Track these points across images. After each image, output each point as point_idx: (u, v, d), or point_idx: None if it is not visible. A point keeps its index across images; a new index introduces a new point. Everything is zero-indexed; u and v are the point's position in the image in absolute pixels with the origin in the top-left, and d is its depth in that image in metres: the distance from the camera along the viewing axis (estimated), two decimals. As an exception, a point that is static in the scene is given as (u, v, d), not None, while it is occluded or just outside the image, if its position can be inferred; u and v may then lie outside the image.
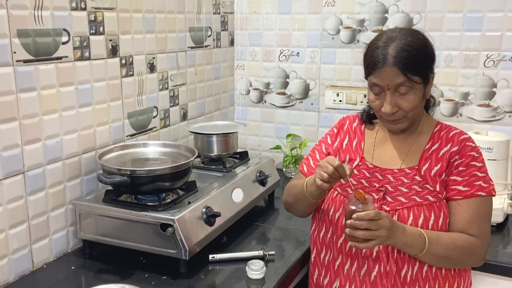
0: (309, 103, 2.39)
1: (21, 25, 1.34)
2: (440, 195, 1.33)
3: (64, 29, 1.47)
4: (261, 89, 2.48)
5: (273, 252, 1.52)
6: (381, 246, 1.32)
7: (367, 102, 1.44)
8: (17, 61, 1.33)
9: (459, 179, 1.33)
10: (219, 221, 1.54)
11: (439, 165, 1.35)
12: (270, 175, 1.90)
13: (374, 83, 1.31)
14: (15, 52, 1.32)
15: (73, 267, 1.47)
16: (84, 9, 1.53)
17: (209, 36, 2.25)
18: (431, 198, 1.33)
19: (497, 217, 1.72)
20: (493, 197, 1.35)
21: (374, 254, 1.33)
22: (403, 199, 1.34)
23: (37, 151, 1.42)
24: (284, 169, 2.35)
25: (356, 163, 1.44)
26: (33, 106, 1.39)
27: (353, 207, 1.22)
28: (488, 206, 1.34)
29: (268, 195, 1.96)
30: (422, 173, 1.36)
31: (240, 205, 1.68)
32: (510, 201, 1.76)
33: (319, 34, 2.30)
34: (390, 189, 1.36)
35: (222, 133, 1.90)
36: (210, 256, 1.49)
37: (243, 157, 1.97)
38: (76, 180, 1.57)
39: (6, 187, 1.34)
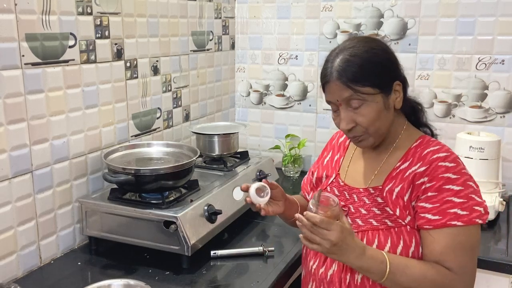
0: (307, 104, 2.42)
1: (29, 29, 1.35)
2: (401, 221, 1.17)
3: (71, 33, 1.49)
4: (261, 91, 2.51)
5: (272, 248, 1.54)
6: (335, 269, 1.23)
7: None
8: (25, 64, 1.35)
9: (428, 206, 1.13)
10: (220, 219, 1.56)
11: (400, 186, 1.18)
12: (269, 174, 1.91)
13: (327, 100, 1.21)
14: (23, 55, 1.34)
15: (79, 263, 1.49)
16: (90, 13, 1.55)
17: (210, 40, 2.27)
18: (389, 223, 1.18)
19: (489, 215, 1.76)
20: (478, 226, 1.14)
21: (328, 277, 1.24)
22: (360, 222, 1.22)
23: (45, 151, 1.44)
24: (283, 168, 2.38)
25: (331, 179, 1.36)
26: (41, 107, 1.41)
27: (309, 205, 1.14)
28: (468, 236, 1.12)
29: (267, 194, 1.99)
30: (384, 194, 1.21)
31: (241, 203, 1.70)
32: (501, 199, 1.80)
33: (317, 38, 2.33)
34: (352, 210, 1.25)
35: (223, 134, 1.92)
36: (212, 252, 1.51)
37: (244, 156, 2.00)
38: (82, 179, 1.59)
39: (15, 186, 1.36)
